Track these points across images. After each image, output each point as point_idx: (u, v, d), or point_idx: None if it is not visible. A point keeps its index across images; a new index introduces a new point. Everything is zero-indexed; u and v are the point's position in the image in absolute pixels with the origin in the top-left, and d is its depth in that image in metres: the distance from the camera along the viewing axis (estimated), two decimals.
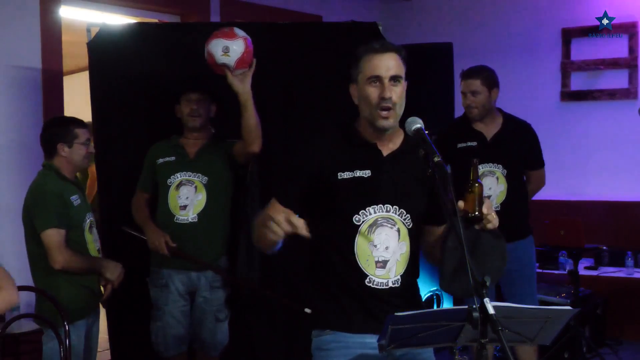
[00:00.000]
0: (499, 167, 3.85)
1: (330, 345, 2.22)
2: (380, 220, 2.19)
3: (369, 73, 2.18)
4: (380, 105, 2.15)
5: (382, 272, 2.18)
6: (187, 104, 3.64)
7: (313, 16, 5.97)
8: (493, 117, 3.91)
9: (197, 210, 3.59)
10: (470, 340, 1.86)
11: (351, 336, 2.21)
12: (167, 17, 5.14)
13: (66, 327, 3.00)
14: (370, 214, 2.19)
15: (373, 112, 2.17)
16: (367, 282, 2.18)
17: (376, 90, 2.17)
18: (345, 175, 2.19)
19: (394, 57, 2.19)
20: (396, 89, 2.17)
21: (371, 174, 2.19)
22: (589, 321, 4.93)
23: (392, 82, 2.16)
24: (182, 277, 3.60)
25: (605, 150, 5.83)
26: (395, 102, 2.16)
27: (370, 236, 2.18)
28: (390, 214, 2.20)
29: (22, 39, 4.24)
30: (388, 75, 2.16)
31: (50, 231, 3.10)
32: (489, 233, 2.08)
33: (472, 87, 3.81)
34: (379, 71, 2.17)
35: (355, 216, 2.18)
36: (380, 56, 2.18)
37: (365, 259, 2.18)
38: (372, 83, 2.17)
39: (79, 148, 3.26)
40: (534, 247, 4.02)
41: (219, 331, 3.67)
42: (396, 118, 2.19)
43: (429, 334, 1.85)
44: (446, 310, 1.94)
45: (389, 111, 2.16)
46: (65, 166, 3.25)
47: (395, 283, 2.20)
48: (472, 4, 6.45)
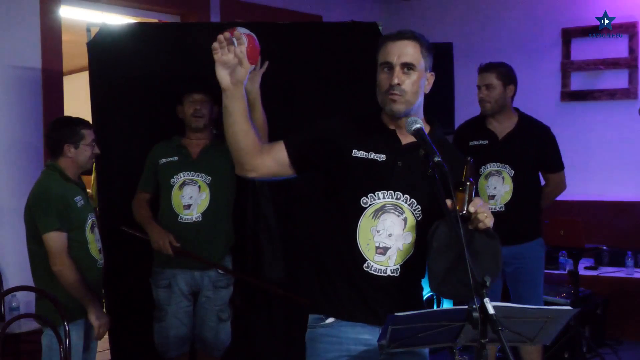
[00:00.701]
0: (506, 168, 3.82)
1: (324, 339, 2.21)
2: (388, 207, 2.17)
3: (382, 59, 2.18)
4: (388, 91, 2.15)
5: (382, 259, 2.16)
6: (190, 105, 3.64)
7: (313, 16, 5.97)
8: (508, 115, 3.87)
9: (201, 209, 3.59)
10: (470, 340, 1.86)
11: (345, 331, 2.19)
12: (167, 17, 5.14)
13: (66, 326, 2.99)
14: (379, 198, 2.17)
15: (383, 98, 2.17)
16: (365, 266, 2.17)
17: (386, 77, 2.16)
18: (359, 154, 2.19)
19: (410, 45, 2.16)
20: (406, 77, 2.14)
21: (386, 158, 2.18)
22: (589, 321, 4.93)
23: (403, 69, 2.14)
24: (186, 277, 3.60)
25: (605, 150, 5.83)
26: (404, 89, 2.14)
27: (374, 221, 2.16)
28: (400, 201, 2.17)
29: (22, 39, 4.24)
30: (399, 62, 2.14)
31: (53, 234, 3.10)
32: (483, 233, 2.06)
33: (486, 81, 3.80)
34: (390, 57, 2.15)
35: (363, 198, 2.17)
36: (393, 43, 2.17)
37: (366, 243, 2.16)
38: (383, 69, 2.17)
39: (85, 149, 3.26)
40: (543, 249, 3.97)
41: (221, 331, 3.67)
42: (407, 105, 2.16)
43: (429, 334, 1.85)
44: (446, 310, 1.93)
45: (397, 95, 2.14)
46: (70, 167, 3.25)
47: (394, 272, 2.17)
48: (472, 4, 6.45)
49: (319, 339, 2.22)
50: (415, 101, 2.18)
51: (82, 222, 3.23)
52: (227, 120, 2.13)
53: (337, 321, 2.21)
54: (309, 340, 2.26)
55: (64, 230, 3.13)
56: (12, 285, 3.80)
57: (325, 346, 2.21)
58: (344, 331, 2.20)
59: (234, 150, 2.16)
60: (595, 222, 5.56)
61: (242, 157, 2.16)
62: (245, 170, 2.19)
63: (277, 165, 2.21)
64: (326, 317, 2.22)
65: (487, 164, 3.85)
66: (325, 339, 2.21)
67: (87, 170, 3.47)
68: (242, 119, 2.12)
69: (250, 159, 2.16)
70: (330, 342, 2.20)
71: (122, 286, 3.87)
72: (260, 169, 2.19)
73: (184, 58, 3.92)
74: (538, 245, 3.93)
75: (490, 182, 3.83)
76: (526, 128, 3.88)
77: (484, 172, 3.85)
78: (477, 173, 3.85)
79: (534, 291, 3.89)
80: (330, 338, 2.20)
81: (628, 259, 5.30)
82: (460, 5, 6.50)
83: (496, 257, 2.10)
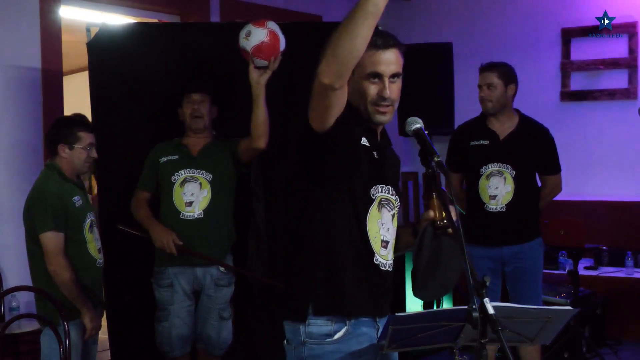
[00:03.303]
0: (508, 168, 3.82)
1: (333, 356, 2.08)
2: (384, 201, 2.17)
3: (369, 69, 2.11)
4: (377, 102, 2.13)
5: (385, 253, 2.16)
6: (189, 105, 3.66)
7: (313, 16, 5.97)
8: (509, 115, 3.88)
9: (202, 206, 3.59)
10: (470, 340, 1.87)
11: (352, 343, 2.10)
12: (167, 17, 5.14)
13: (66, 326, 2.99)
14: (380, 191, 2.17)
15: (369, 108, 2.14)
16: (374, 260, 2.14)
17: (375, 88, 2.12)
18: (366, 143, 2.17)
19: (395, 53, 2.14)
20: (394, 86, 2.14)
21: (377, 155, 2.19)
22: (589, 321, 4.93)
23: (391, 79, 2.13)
24: (188, 275, 3.60)
25: (605, 150, 5.83)
26: (394, 99, 2.14)
27: (379, 213, 2.15)
28: (391, 196, 2.19)
29: (22, 39, 4.24)
30: (389, 73, 2.12)
31: (49, 234, 3.10)
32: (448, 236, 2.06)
33: (487, 80, 3.80)
34: (380, 69, 2.11)
35: (372, 189, 2.15)
36: (382, 52, 2.11)
37: (373, 235, 2.14)
38: (371, 79, 2.12)
39: (79, 152, 3.24)
40: (542, 249, 3.98)
41: (223, 329, 3.67)
42: (392, 113, 2.17)
43: (429, 334, 1.85)
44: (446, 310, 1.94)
45: (387, 107, 2.13)
46: (66, 167, 3.25)
47: (390, 267, 2.18)
48: (472, 4, 6.45)
49: (327, 356, 2.09)
50: (397, 106, 2.18)
51: (80, 222, 3.23)
52: (370, 21, 1.80)
53: (345, 335, 2.10)
54: (311, 357, 2.10)
55: (60, 231, 3.13)
56: (12, 285, 3.80)
57: None
58: (351, 344, 2.10)
59: (349, 55, 1.84)
60: (595, 222, 5.56)
61: (347, 67, 1.86)
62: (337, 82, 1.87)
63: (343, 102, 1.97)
64: (334, 332, 2.09)
65: (488, 164, 3.85)
66: (334, 356, 2.09)
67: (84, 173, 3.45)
68: (372, 30, 1.84)
69: (348, 72, 1.89)
70: (340, 357, 2.10)
71: (122, 286, 3.87)
72: (344, 87, 1.93)
73: (184, 58, 3.92)
74: (537, 245, 3.93)
75: (491, 182, 3.83)
76: (527, 129, 3.88)
77: (485, 172, 3.85)
78: (479, 172, 3.87)
79: (533, 291, 3.90)
80: (339, 354, 2.09)
81: (628, 259, 5.30)
82: (460, 5, 6.50)
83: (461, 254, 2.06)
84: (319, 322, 2.10)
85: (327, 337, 2.09)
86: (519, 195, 3.82)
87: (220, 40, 3.92)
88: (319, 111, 1.96)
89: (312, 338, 2.10)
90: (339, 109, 1.97)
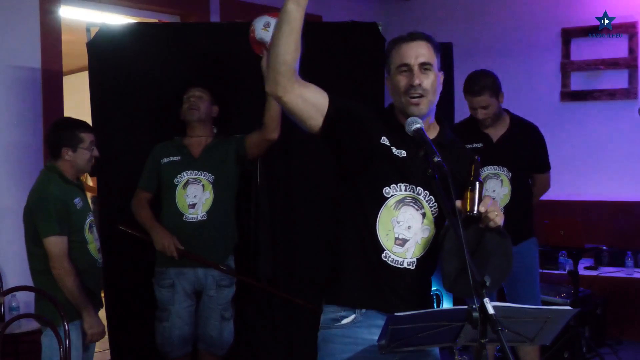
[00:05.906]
0: (504, 170, 3.83)
1: (339, 340, 2.19)
2: (408, 199, 2.17)
3: (398, 61, 2.17)
4: (409, 92, 2.14)
5: (400, 250, 2.16)
6: (186, 100, 3.66)
7: (313, 16, 5.97)
8: (501, 118, 3.90)
9: (205, 208, 3.59)
10: (470, 340, 1.86)
11: (361, 332, 2.17)
12: (167, 17, 5.14)
13: (66, 326, 2.99)
14: (401, 190, 2.17)
15: (403, 100, 2.16)
16: (383, 256, 2.16)
17: (405, 78, 2.16)
18: (386, 142, 2.18)
19: (424, 45, 2.18)
20: (425, 77, 2.15)
21: (406, 155, 2.18)
22: (589, 321, 4.93)
23: (421, 69, 2.15)
24: (189, 276, 3.60)
25: (605, 150, 5.83)
26: (426, 88, 2.15)
27: (395, 211, 2.16)
28: (419, 196, 2.17)
29: (22, 39, 4.24)
30: (417, 62, 2.15)
31: (53, 238, 3.10)
32: (494, 232, 2.07)
33: (482, 103, 3.78)
34: (408, 59, 2.16)
35: (386, 188, 2.16)
36: (408, 44, 2.18)
37: (385, 233, 2.15)
38: (401, 71, 2.17)
39: (83, 153, 3.25)
40: (537, 248, 4.00)
41: (225, 330, 3.68)
42: (428, 105, 2.17)
43: (429, 334, 1.85)
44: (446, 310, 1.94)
45: (419, 98, 2.14)
46: (69, 170, 3.25)
47: (410, 265, 2.17)
48: (472, 4, 6.45)
49: (334, 339, 2.20)
50: (435, 100, 2.20)
51: (81, 223, 3.23)
52: (284, 27, 1.98)
53: (353, 322, 2.19)
54: (322, 341, 2.24)
55: (64, 234, 3.12)
56: (12, 285, 3.80)
57: (341, 347, 2.19)
58: (360, 332, 2.18)
59: (276, 62, 2.02)
60: (595, 222, 5.56)
61: (280, 74, 2.03)
62: (277, 90, 2.05)
63: (309, 105, 2.11)
64: (341, 317, 2.19)
65: (484, 167, 3.85)
66: (341, 340, 2.19)
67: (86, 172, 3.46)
68: (297, 34, 2.00)
69: (287, 80, 2.04)
70: (346, 342, 2.18)
71: (122, 286, 3.87)
72: (290, 94, 2.07)
73: (183, 58, 3.92)
74: (532, 244, 3.96)
75: (488, 185, 3.83)
76: (518, 129, 3.90)
77: (482, 176, 3.85)
78: None
79: (531, 290, 3.91)
80: (346, 339, 2.19)
81: (628, 259, 5.30)
82: (460, 6, 6.50)
83: (508, 255, 2.11)
84: (330, 309, 2.23)
85: (335, 322, 2.20)
86: (516, 196, 3.83)
87: (220, 40, 3.92)
88: (295, 118, 2.14)
89: (324, 323, 2.24)
90: (308, 114, 2.11)
